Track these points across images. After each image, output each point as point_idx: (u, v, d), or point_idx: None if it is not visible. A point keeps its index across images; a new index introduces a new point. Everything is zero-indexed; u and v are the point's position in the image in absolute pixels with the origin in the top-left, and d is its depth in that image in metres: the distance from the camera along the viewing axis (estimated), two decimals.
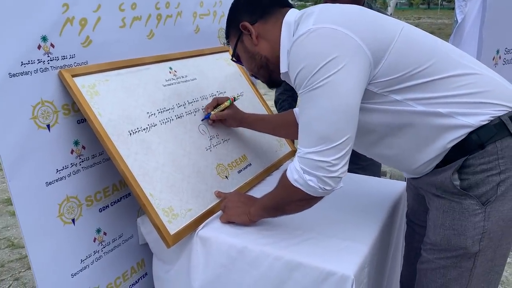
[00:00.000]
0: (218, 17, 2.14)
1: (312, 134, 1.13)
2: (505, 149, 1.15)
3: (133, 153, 1.45)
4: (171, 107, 1.70)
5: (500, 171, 1.15)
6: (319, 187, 1.15)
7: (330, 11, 1.18)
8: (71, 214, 1.45)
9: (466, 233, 1.19)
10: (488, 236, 1.18)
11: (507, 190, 1.17)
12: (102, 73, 1.51)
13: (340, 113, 1.10)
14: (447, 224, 1.22)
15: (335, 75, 1.07)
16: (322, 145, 1.11)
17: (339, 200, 1.68)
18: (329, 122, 1.10)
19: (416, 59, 1.14)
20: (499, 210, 1.17)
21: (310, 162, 1.14)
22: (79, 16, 1.45)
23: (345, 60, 1.07)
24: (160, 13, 1.79)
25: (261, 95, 2.20)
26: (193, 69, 1.91)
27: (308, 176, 1.15)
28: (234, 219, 1.48)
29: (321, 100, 1.10)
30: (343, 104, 1.09)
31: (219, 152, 1.78)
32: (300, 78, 1.13)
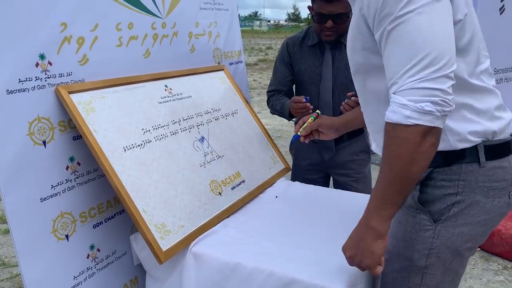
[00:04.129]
0: (214, 37, 2.19)
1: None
2: (468, 173, 1.15)
3: (127, 169, 1.47)
4: (166, 123, 1.72)
5: (457, 192, 1.16)
6: (433, 117, 0.98)
7: None
8: (65, 230, 1.46)
9: (414, 245, 1.20)
10: (436, 254, 1.18)
11: (460, 214, 1.17)
12: (99, 90, 1.54)
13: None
14: (399, 235, 1.23)
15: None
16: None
17: (331, 217, 1.70)
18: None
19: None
20: (449, 231, 1.17)
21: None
22: (77, 35, 1.48)
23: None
24: (157, 33, 1.83)
25: (255, 112, 2.23)
26: (188, 87, 1.94)
27: (422, 104, 0.98)
28: (376, 261, 1.11)
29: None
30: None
31: (213, 169, 1.80)
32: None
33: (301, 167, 2.37)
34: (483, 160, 1.15)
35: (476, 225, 1.18)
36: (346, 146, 2.26)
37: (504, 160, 1.18)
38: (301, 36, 2.22)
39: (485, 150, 1.15)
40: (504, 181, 1.18)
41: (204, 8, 2.13)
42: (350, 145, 2.27)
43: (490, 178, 1.16)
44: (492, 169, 1.17)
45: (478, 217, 1.17)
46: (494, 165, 1.17)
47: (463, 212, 1.17)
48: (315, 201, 1.88)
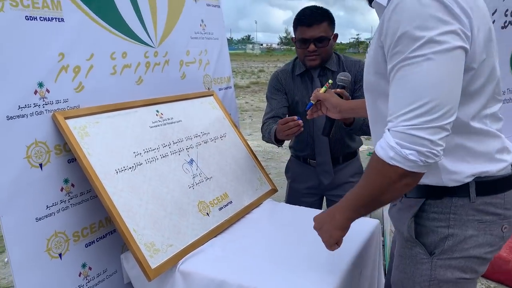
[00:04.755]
0: (204, 64, 2.30)
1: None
2: (459, 208, 1.18)
3: (118, 191, 1.55)
4: (157, 147, 1.81)
5: (449, 225, 1.19)
6: (416, 165, 1.03)
7: None
8: (59, 249, 1.53)
9: (414, 278, 1.24)
10: (437, 285, 1.21)
11: (455, 247, 1.19)
12: (93, 116, 1.63)
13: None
14: (401, 268, 1.28)
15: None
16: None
17: (315, 236, 1.78)
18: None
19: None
20: (446, 264, 1.20)
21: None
22: (73, 64, 1.58)
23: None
24: (149, 61, 1.94)
25: (243, 136, 2.33)
26: (178, 111, 2.04)
27: (407, 150, 1.02)
28: (330, 243, 1.32)
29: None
30: None
31: (201, 190, 1.89)
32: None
33: (298, 190, 2.44)
34: (473, 196, 1.17)
35: (471, 258, 1.20)
36: (342, 169, 2.35)
37: (498, 196, 1.19)
38: (289, 68, 2.31)
39: (476, 187, 1.17)
40: (495, 215, 1.19)
41: (195, 37, 2.24)
42: (346, 167, 2.36)
43: (480, 212, 1.18)
44: (483, 204, 1.18)
45: (472, 250, 1.19)
46: (485, 200, 1.18)
47: (458, 246, 1.19)
48: (300, 221, 1.96)
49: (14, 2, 1.38)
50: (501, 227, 1.20)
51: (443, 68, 0.99)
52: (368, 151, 6.64)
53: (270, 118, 2.29)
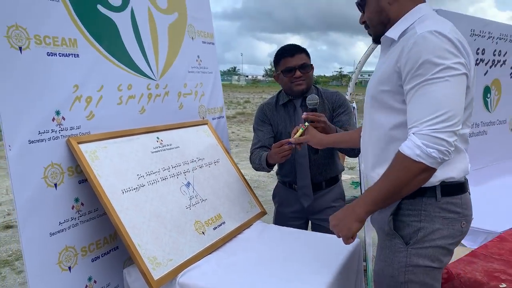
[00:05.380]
0: (199, 96, 2.50)
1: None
2: (428, 205, 1.46)
3: (124, 209, 1.71)
4: (158, 170, 1.98)
5: (420, 220, 1.45)
6: (435, 161, 1.29)
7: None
8: (69, 262, 1.67)
9: (393, 264, 1.48)
10: (411, 271, 1.45)
11: (426, 238, 1.45)
12: (102, 141, 1.80)
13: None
14: (382, 258, 1.52)
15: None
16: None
17: (302, 254, 1.96)
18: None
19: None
20: (418, 252, 1.45)
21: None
22: (86, 94, 1.77)
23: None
24: (151, 93, 2.13)
25: (234, 161, 2.51)
26: (176, 138, 2.22)
27: (430, 149, 1.28)
28: (348, 236, 1.48)
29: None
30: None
31: (197, 211, 2.05)
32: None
33: (285, 214, 2.59)
34: (439, 196, 1.46)
35: (438, 247, 1.46)
36: (325, 194, 2.52)
37: (457, 197, 1.48)
38: (273, 101, 2.51)
39: (441, 189, 1.46)
40: (455, 213, 1.48)
41: (191, 71, 2.45)
42: (328, 192, 2.52)
43: (444, 210, 1.46)
44: (446, 203, 1.46)
45: (439, 241, 1.46)
46: (448, 200, 1.47)
47: (427, 237, 1.46)
48: (287, 240, 2.13)
49: (38, 40, 1.58)
50: (460, 223, 1.49)
51: (456, 88, 1.31)
52: (351, 180, 6.85)
53: (257, 148, 2.47)
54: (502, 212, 4.42)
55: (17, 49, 1.51)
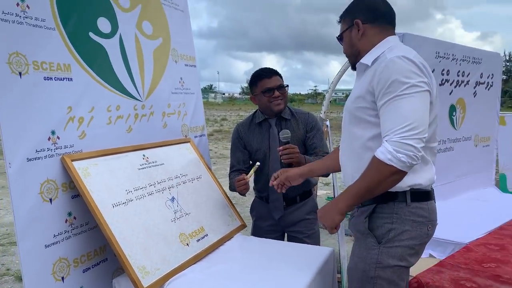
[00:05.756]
0: (182, 115, 2.65)
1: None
2: (399, 209, 1.66)
3: (115, 222, 1.83)
4: (144, 186, 2.11)
5: (392, 222, 1.65)
6: (405, 165, 1.50)
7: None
8: (62, 272, 1.78)
9: (366, 260, 1.67)
10: (381, 267, 1.63)
11: (395, 238, 1.64)
12: (93, 159, 1.93)
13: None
14: (356, 253, 1.71)
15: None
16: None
17: (276, 262, 2.10)
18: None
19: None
20: (389, 251, 1.64)
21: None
22: (78, 115, 1.90)
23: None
24: (137, 113, 2.27)
25: (216, 178, 2.66)
26: (161, 156, 2.36)
27: (400, 154, 1.49)
28: (332, 226, 1.70)
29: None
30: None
31: (181, 224, 2.18)
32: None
33: (261, 228, 2.73)
34: (409, 201, 1.66)
35: (406, 247, 1.65)
36: (299, 207, 2.66)
37: (424, 203, 1.69)
38: (248, 121, 2.67)
39: (411, 195, 1.66)
40: (423, 217, 1.67)
41: (175, 92, 2.60)
42: (302, 206, 2.67)
43: (413, 214, 1.66)
44: (415, 208, 1.66)
45: (407, 241, 1.65)
46: (416, 205, 1.67)
47: (397, 237, 1.65)
48: (265, 250, 2.28)
49: (36, 66, 1.71)
50: (427, 227, 1.69)
51: (421, 102, 1.54)
52: (326, 195, 7.04)
53: (234, 171, 2.68)
54: (468, 224, 4.67)
55: (17, 74, 1.64)
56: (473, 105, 6.03)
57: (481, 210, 5.30)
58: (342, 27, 1.84)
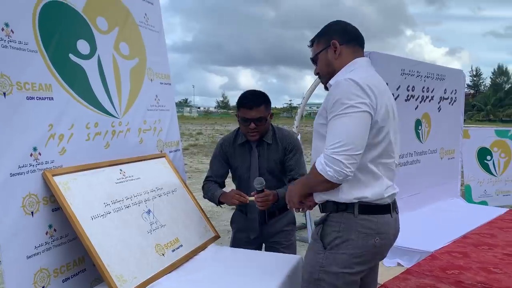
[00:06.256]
0: (158, 131, 2.78)
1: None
2: (347, 219, 1.78)
3: (94, 233, 1.93)
4: (121, 199, 2.22)
5: (339, 230, 1.78)
6: (334, 177, 1.65)
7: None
8: (43, 282, 1.87)
9: (313, 262, 1.81)
10: (325, 271, 1.76)
11: (340, 245, 1.76)
12: (72, 174, 2.03)
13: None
14: (307, 257, 1.88)
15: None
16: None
17: (249, 270, 2.23)
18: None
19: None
20: (333, 256, 1.76)
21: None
22: (59, 132, 2.01)
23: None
24: (115, 130, 2.39)
25: (190, 191, 2.78)
26: (137, 170, 2.47)
27: (328, 168, 1.65)
28: (291, 205, 1.97)
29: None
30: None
31: (157, 235, 2.29)
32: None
33: (241, 239, 2.82)
34: (356, 213, 1.78)
35: (351, 255, 1.76)
36: (278, 220, 2.78)
37: (373, 216, 1.79)
38: (232, 137, 2.75)
39: (358, 207, 1.78)
40: (370, 229, 1.78)
41: (150, 109, 2.73)
42: (281, 219, 2.79)
43: (360, 225, 1.77)
44: (362, 220, 1.78)
45: (352, 250, 1.76)
46: (364, 217, 1.78)
47: (342, 244, 1.77)
48: (238, 260, 2.41)
49: (19, 86, 1.82)
50: (374, 239, 1.79)
51: (356, 122, 1.68)
52: None
53: (209, 180, 2.78)
54: (434, 233, 4.91)
55: (2, 94, 1.74)
56: (438, 119, 6.33)
57: (446, 220, 5.56)
58: (317, 49, 1.97)
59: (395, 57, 5.57)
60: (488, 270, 3.79)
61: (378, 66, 5.54)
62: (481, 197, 7.54)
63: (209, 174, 2.82)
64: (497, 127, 9.68)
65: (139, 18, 2.72)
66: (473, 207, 6.76)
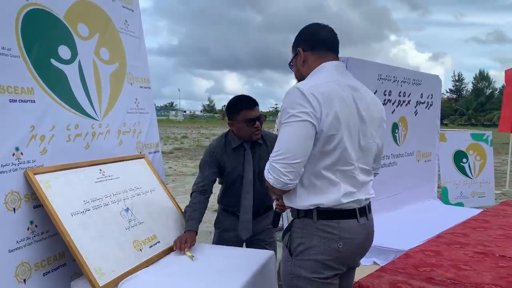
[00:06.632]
0: (137, 133, 2.89)
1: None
2: (308, 225, 1.77)
3: (74, 229, 2.04)
4: (101, 197, 2.33)
5: (302, 236, 1.77)
6: (274, 184, 1.69)
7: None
8: (24, 275, 1.97)
9: (284, 270, 1.83)
10: (295, 277, 1.77)
11: (305, 251, 1.76)
12: (53, 173, 2.14)
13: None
14: (281, 262, 1.87)
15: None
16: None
17: (223, 264, 2.36)
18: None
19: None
20: (299, 263, 1.76)
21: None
22: (40, 133, 2.11)
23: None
24: (95, 131, 2.50)
25: (168, 190, 2.89)
26: (117, 170, 2.58)
27: (269, 175, 1.71)
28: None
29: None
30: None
31: (135, 232, 2.40)
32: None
33: (226, 239, 2.89)
34: (315, 218, 1.76)
35: (316, 261, 1.74)
36: (262, 219, 2.89)
37: (333, 221, 1.76)
38: (223, 142, 2.76)
39: (317, 213, 1.76)
40: (331, 234, 1.75)
41: (130, 112, 2.84)
42: (266, 217, 2.91)
43: (320, 230, 1.75)
44: (322, 225, 1.75)
45: (315, 256, 1.74)
46: (324, 223, 1.75)
47: (306, 251, 1.76)
48: (214, 255, 2.52)
49: (2, 89, 1.93)
50: (337, 244, 1.76)
51: (294, 131, 1.69)
52: None
53: (199, 188, 2.72)
54: (410, 233, 5.08)
55: None
56: (415, 123, 6.53)
57: (422, 220, 5.73)
58: (292, 56, 2.01)
59: (372, 62, 5.75)
60: (458, 267, 3.96)
61: (355, 71, 5.71)
62: (457, 199, 7.74)
63: (201, 179, 2.76)
64: (473, 130, 9.94)
65: (119, 25, 2.83)
66: (449, 208, 6.94)
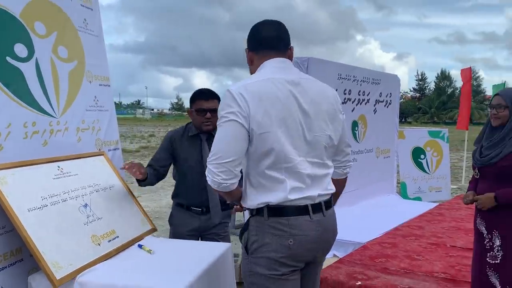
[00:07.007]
0: (96, 130, 2.93)
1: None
2: (260, 223, 1.82)
3: (31, 224, 2.08)
4: (58, 193, 2.36)
5: (256, 234, 1.82)
6: (212, 185, 1.77)
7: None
8: None
9: (243, 269, 1.89)
10: (253, 275, 1.82)
11: (259, 249, 1.81)
12: (10, 169, 2.17)
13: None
14: (241, 261, 1.94)
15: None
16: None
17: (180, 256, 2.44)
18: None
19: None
20: (255, 261, 1.81)
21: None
22: None
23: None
24: (53, 129, 2.53)
25: (128, 187, 2.94)
26: (75, 167, 2.62)
27: (208, 175, 1.77)
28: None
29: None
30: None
31: (93, 227, 2.45)
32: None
33: (181, 234, 2.99)
34: (266, 216, 1.81)
35: (270, 258, 1.79)
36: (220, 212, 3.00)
37: (283, 218, 1.79)
38: (182, 131, 2.99)
39: (268, 210, 1.80)
40: (282, 231, 1.78)
41: (89, 109, 2.88)
42: (223, 210, 3.01)
43: (272, 227, 1.79)
44: (273, 222, 1.79)
45: (268, 253, 1.79)
46: (275, 220, 1.79)
47: (260, 249, 1.81)
48: (171, 249, 2.60)
49: None
50: (288, 241, 1.79)
51: (226, 131, 1.75)
52: None
53: (151, 164, 2.97)
54: (367, 226, 5.30)
55: None
56: (374, 121, 6.78)
57: (381, 214, 5.98)
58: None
59: (332, 62, 5.95)
60: (412, 257, 4.19)
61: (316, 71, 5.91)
62: (415, 193, 8.07)
63: (151, 163, 2.97)
64: (430, 128, 10.33)
65: (78, 23, 2.86)
66: (407, 203, 7.25)
